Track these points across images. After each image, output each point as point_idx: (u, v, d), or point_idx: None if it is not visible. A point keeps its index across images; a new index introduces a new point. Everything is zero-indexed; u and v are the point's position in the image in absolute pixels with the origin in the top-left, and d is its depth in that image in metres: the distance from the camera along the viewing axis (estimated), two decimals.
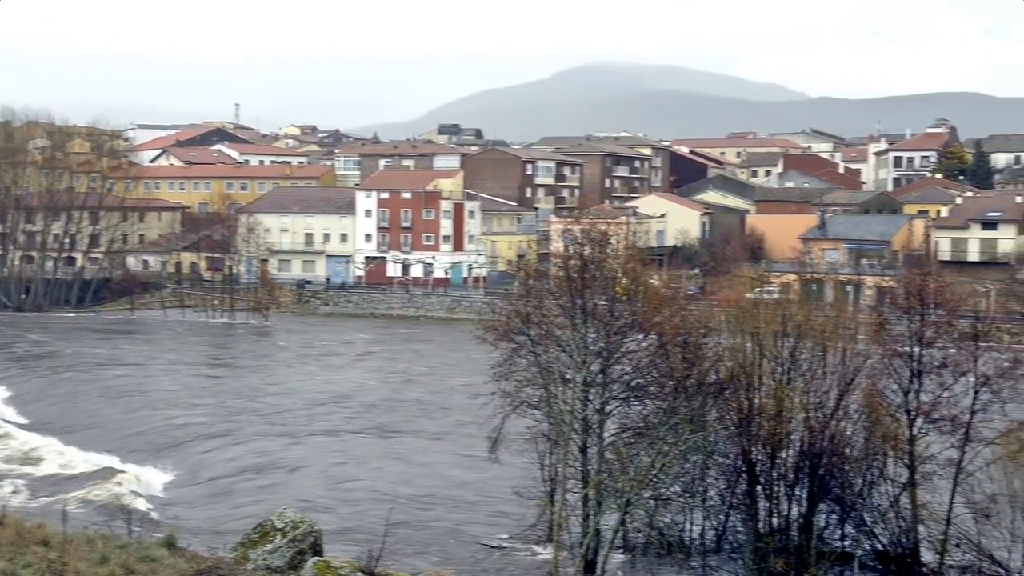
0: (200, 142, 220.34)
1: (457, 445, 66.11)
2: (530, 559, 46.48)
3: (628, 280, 46.04)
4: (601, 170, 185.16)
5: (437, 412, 77.46)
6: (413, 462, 63.33)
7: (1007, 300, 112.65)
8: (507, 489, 51.87)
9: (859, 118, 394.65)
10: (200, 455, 65.55)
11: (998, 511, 41.51)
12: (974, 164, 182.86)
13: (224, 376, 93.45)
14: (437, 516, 52.73)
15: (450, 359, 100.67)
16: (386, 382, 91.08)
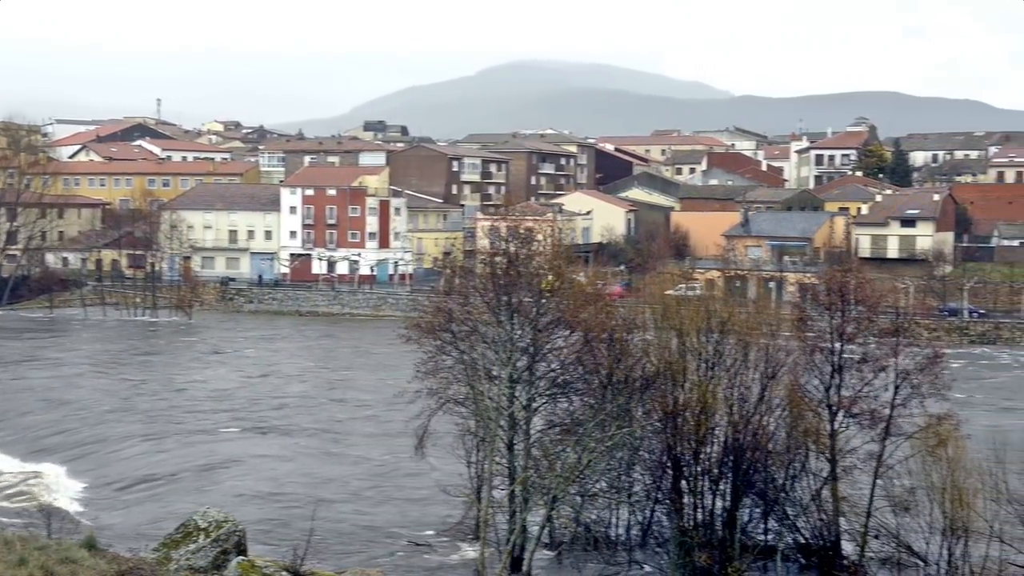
0: (121, 138, 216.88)
1: (383, 443, 65.80)
2: (457, 556, 46.40)
3: (554, 277, 46.13)
4: (527, 167, 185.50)
5: (361, 410, 77.04)
6: (339, 461, 62.93)
7: (925, 296, 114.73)
8: (434, 487, 51.78)
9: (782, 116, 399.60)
10: (120, 455, 64.55)
11: (917, 503, 42.24)
12: (893, 162, 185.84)
13: (144, 375, 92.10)
14: (363, 515, 52.44)
15: (375, 357, 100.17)
16: (310, 380, 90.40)
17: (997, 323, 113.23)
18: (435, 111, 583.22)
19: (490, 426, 43.24)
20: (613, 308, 49.63)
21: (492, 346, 44.23)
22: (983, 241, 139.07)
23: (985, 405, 76.02)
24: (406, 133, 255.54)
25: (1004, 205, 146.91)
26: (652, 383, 44.77)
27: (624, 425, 41.90)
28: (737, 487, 43.69)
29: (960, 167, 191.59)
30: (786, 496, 44.89)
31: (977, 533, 40.33)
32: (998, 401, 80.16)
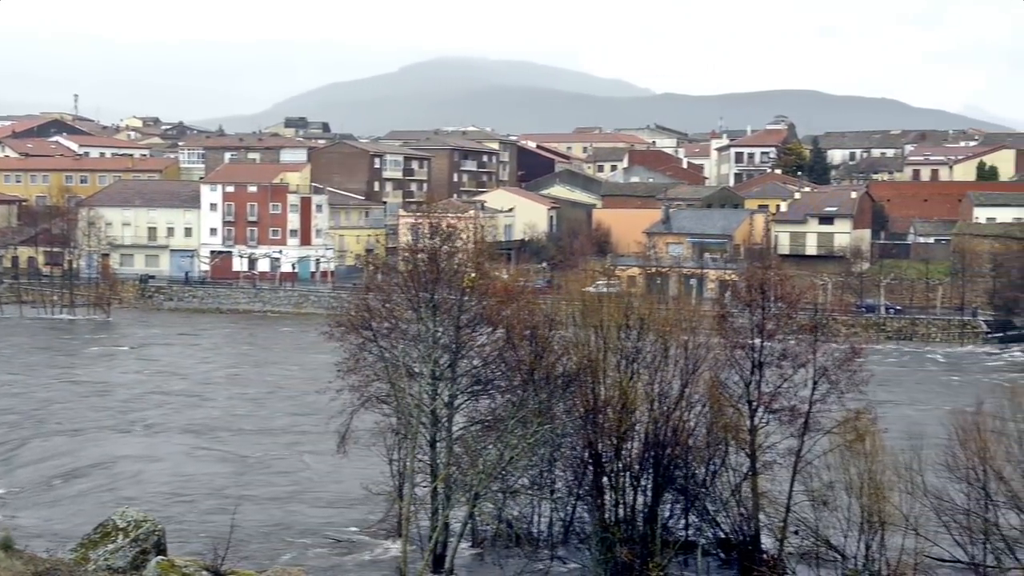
0: (37, 133, 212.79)
1: (304, 441, 65.25)
2: (379, 554, 46.17)
3: (476, 274, 46.06)
4: (449, 164, 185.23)
5: (283, 408, 76.37)
6: (260, 459, 62.29)
7: (843, 293, 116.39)
8: (356, 485, 51.44)
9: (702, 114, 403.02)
10: (35, 455, 63.24)
11: (835, 498, 42.76)
12: (812, 160, 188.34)
13: (60, 373, 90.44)
14: (285, 514, 51.93)
15: (297, 354, 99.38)
16: (230, 379, 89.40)
17: (913, 319, 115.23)
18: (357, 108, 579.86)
19: (412, 423, 43.05)
20: (535, 305, 49.71)
21: (414, 343, 44.08)
22: (899, 238, 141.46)
23: (901, 400, 77.28)
24: (328, 130, 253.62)
25: (919, 203, 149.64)
26: (573, 380, 44.85)
27: (546, 422, 41.92)
28: (658, 483, 43.94)
29: (877, 165, 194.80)
30: (707, 491, 45.24)
31: (893, 526, 40.93)
32: (913, 396, 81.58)
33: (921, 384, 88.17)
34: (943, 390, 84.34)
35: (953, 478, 42.78)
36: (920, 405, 76.69)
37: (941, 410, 65.56)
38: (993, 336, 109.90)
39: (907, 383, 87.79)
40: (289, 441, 66.57)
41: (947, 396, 78.80)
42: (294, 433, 68.35)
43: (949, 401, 70.53)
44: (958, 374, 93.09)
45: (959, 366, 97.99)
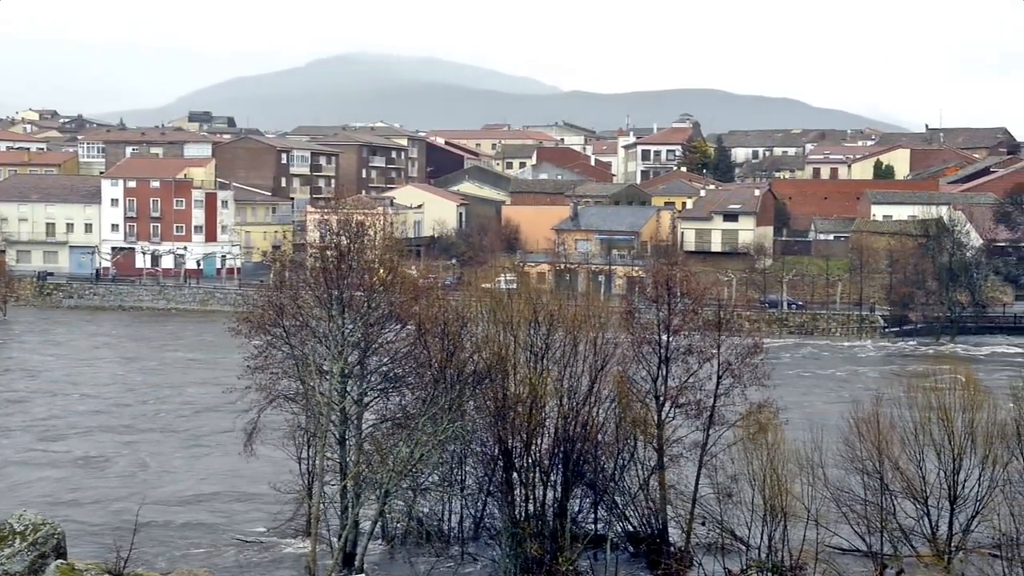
0: None
1: (210, 441, 64.60)
2: (288, 553, 45.91)
3: (385, 270, 46.02)
4: (358, 160, 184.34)
5: (189, 407, 75.46)
6: (164, 460, 61.49)
7: (747, 288, 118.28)
8: (264, 484, 51.07)
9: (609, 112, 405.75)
10: None
11: (739, 490, 43.59)
12: (716, 158, 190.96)
13: None
14: (191, 514, 51.40)
15: (202, 352, 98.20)
16: (133, 378, 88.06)
17: (814, 314, 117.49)
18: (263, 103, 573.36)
19: (321, 421, 42.91)
20: (445, 302, 49.84)
21: (323, 341, 43.90)
22: (801, 235, 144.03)
23: (802, 393, 78.77)
24: (233, 124, 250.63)
25: (820, 200, 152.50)
26: (484, 376, 45.05)
27: (456, 419, 42.08)
28: (568, 478, 44.32)
29: (779, 163, 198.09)
30: (615, 486, 45.76)
31: (795, 516, 41.81)
32: (814, 389, 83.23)
33: (821, 377, 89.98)
34: (842, 383, 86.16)
35: (852, 469, 43.90)
36: (820, 398, 78.27)
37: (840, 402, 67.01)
38: (890, 330, 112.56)
39: (808, 376, 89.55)
40: (193, 441, 65.83)
41: (846, 389, 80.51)
42: (199, 433, 67.61)
43: (848, 394, 72.06)
44: (856, 367, 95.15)
45: (858, 359, 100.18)
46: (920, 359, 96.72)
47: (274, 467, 50.60)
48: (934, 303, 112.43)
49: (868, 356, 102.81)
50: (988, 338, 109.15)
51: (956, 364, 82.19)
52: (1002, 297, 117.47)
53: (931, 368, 73.93)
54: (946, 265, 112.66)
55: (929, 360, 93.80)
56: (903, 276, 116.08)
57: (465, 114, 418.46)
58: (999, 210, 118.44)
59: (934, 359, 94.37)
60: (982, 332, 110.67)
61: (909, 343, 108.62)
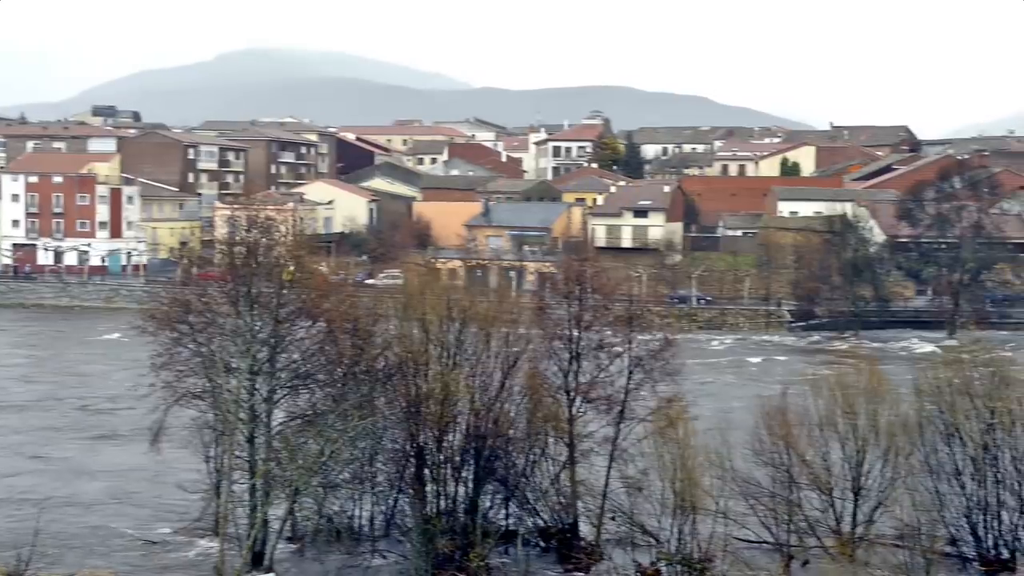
0: None
1: (115, 440, 63.47)
2: (195, 553, 45.28)
3: (295, 267, 45.63)
4: (266, 156, 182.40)
5: (93, 406, 74.05)
6: (67, 460, 60.23)
7: (657, 284, 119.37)
8: (170, 483, 50.36)
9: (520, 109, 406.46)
10: None
11: (649, 484, 43.97)
12: (626, 155, 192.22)
13: None
14: (95, 514, 50.42)
15: (107, 350, 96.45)
16: (32, 377, 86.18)
17: (723, 309, 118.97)
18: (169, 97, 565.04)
19: (229, 419, 42.43)
20: (356, 298, 49.56)
21: (231, 338, 43.39)
22: (709, 231, 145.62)
23: (711, 387, 79.66)
24: (138, 119, 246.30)
25: (728, 197, 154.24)
26: (395, 373, 44.88)
27: (367, 415, 41.87)
28: (479, 474, 44.33)
29: (688, 160, 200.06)
30: (526, 481, 45.87)
31: (705, 510, 42.29)
32: (723, 383, 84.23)
33: (730, 371, 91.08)
34: (750, 377, 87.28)
35: (759, 462, 44.51)
36: (729, 392, 79.17)
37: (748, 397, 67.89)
38: (796, 324, 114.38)
39: (717, 371, 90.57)
40: (97, 440, 64.61)
41: (754, 383, 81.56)
42: (103, 432, 66.37)
43: (755, 388, 73.03)
44: (764, 361, 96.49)
45: (765, 353, 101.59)
46: (825, 353, 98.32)
47: (181, 466, 49.92)
48: (839, 298, 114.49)
49: (775, 350, 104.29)
50: (891, 332, 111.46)
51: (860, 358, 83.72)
52: (904, 292, 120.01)
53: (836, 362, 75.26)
54: (850, 260, 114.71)
55: (834, 354, 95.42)
56: (809, 271, 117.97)
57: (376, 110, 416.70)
58: (901, 207, 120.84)
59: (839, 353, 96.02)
60: (885, 326, 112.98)
61: (815, 337, 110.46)
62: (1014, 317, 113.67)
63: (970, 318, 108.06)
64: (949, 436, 44.69)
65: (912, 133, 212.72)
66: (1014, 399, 45.23)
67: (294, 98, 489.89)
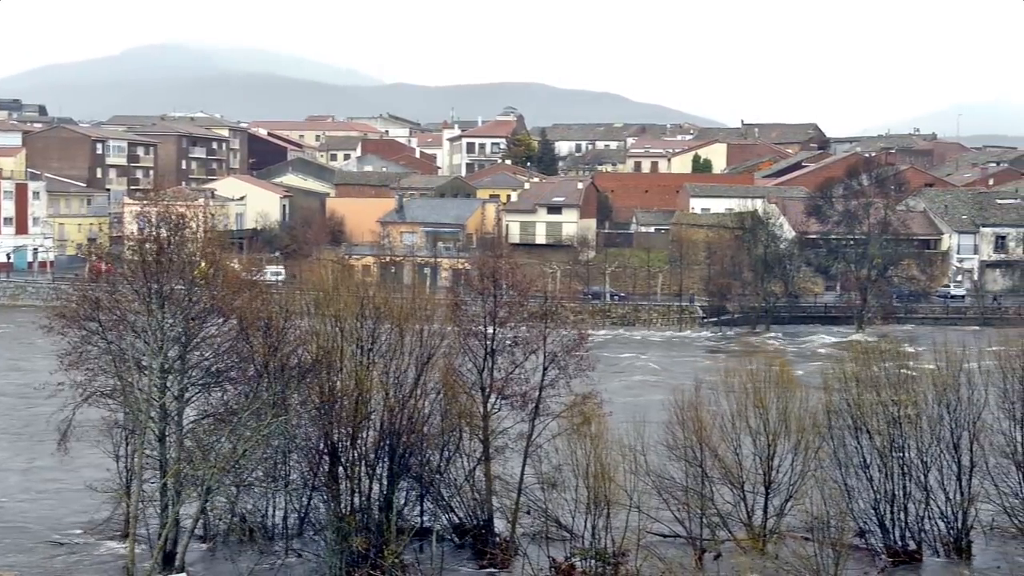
0: None
1: (23, 439, 62.14)
2: (105, 554, 44.58)
3: (207, 264, 45.08)
4: (177, 151, 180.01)
5: None
6: None
7: (571, 280, 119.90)
8: (79, 484, 49.48)
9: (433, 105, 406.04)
10: None
11: (563, 479, 44.20)
12: (540, 151, 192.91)
13: None
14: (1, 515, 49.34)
15: (12, 348, 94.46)
16: None
17: (636, 305, 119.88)
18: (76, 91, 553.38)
19: (140, 418, 41.81)
20: (268, 295, 49.09)
21: (142, 335, 42.75)
22: (623, 228, 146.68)
23: (625, 383, 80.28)
24: (44, 113, 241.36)
25: (641, 193, 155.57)
26: (309, 370, 44.57)
27: (280, 413, 41.52)
28: (394, 471, 44.21)
29: (601, 157, 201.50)
30: (441, 478, 45.86)
31: (619, 504, 42.60)
32: (637, 378, 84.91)
33: (643, 367, 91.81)
34: (663, 373, 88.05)
35: (673, 457, 44.99)
36: (642, 388, 79.87)
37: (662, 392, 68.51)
38: (708, 320, 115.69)
39: (631, 367, 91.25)
40: (3, 439, 63.26)
41: (667, 378, 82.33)
42: (9, 431, 65.00)
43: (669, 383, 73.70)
44: (677, 357, 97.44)
45: (678, 349, 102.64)
46: (737, 348, 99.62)
47: (90, 466, 49.09)
48: (750, 293, 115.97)
49: (688, 346, 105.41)
50: (801, 327, 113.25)
51: (771, 353, 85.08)
52: (813, 287, 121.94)
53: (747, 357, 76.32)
54: (761, 257, 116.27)
55: (746, 349, 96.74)
56: (721, 267, 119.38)
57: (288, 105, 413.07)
58: (810, 203, 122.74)
59: (750, 348, 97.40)
60: (795, 321, 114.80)
61: (727, 332, 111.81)
62: (919, 312, 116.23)
63: (877, 313, 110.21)
64: (857, 430, 45.61)
65: (821, 131, 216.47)
66: (919, 392, 46.31)
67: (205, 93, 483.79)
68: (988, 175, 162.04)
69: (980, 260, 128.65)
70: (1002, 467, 45.58)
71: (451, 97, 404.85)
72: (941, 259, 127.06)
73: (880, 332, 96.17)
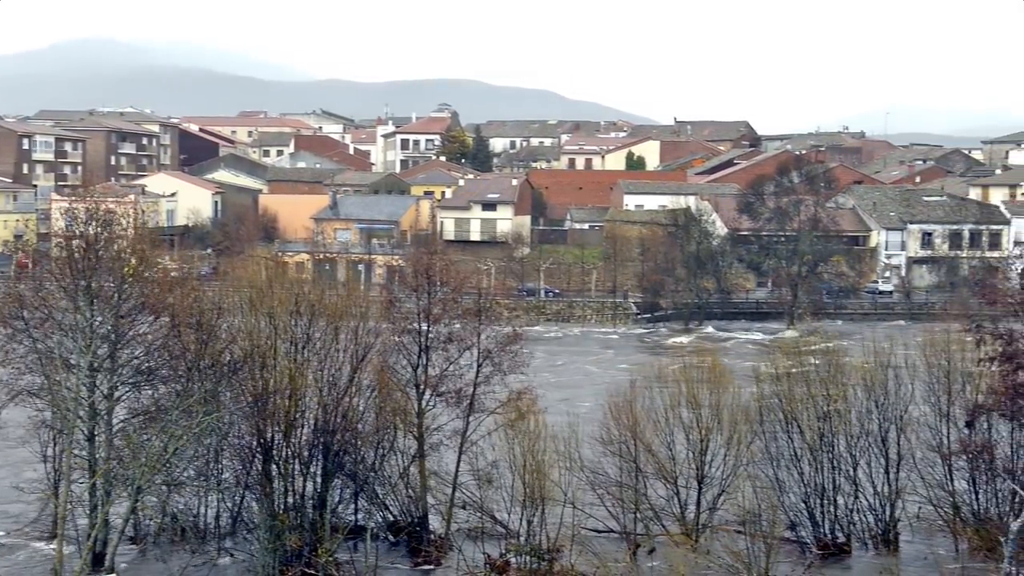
0: None
1: None
2: (32, 555, 43.91)
3: (137, 260, 44.54)
4: (106, 147, 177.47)
5: None
6: None
7: (506, 277, 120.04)
8: (5, 484, 48.66)
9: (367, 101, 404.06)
10: None
11: (499, 475, 44.26)
12: (474, 148, 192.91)
13: None
14: None
15: None
16: None
17: (570, 302, 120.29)
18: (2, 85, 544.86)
19: (68, 417, 41.18)
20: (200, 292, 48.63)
21: (70, 334, 42.11)
22: (557, 224, 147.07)
23: (560, 379, 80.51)
24: None
25: (575, 190, 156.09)
26: (241, 367, 44.21)
27: (212, 411, 41.13)
28: (328, 469, 44.00)
29: (536, 154, 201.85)
30: (376, 475, 45.71)
31: (554, 500, 42.76)
32: (571, 375, 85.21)
33: (578, 364, 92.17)
34: (598, 369, 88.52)
35: (607, 452, 45.23)
36: (577, 384, 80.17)
37: (596, 388, 68.83)
38: (642, 316, 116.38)
39: (565, 363, 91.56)
40: None
41: (601, 374, 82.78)
42: None
43: (603, 379, 74.09)
44: (611, 353, 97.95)
45: (613, 345, 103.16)
46: (671, 344, 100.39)
47: (17, 466, 48.30)
48: (683, 290, 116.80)
49: (622, 342, 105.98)
50: (733, 323, 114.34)
51: (704, 349, 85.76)
52: (745, 284, 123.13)
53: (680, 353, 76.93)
54: (694, 253, 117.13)
55: (679, 345, 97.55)
56: (654, 264, 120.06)
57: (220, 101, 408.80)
58: (742, 200, 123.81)
59: (683, 344, 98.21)
60: (728, 317, 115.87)
61: (660, 329, 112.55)
62: (848, 308, 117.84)
63: (808, 309, 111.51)
64: (788, 424, 46.14)
65: (752, 128, 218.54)
66: (848, 387, 46.98)
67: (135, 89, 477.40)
68: (915, 172, 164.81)
69: (907, 256, 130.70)
70: (928, 460, 46.35)
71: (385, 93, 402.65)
72: (870, 255, 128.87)
73: (810, 328, 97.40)
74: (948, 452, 45.60)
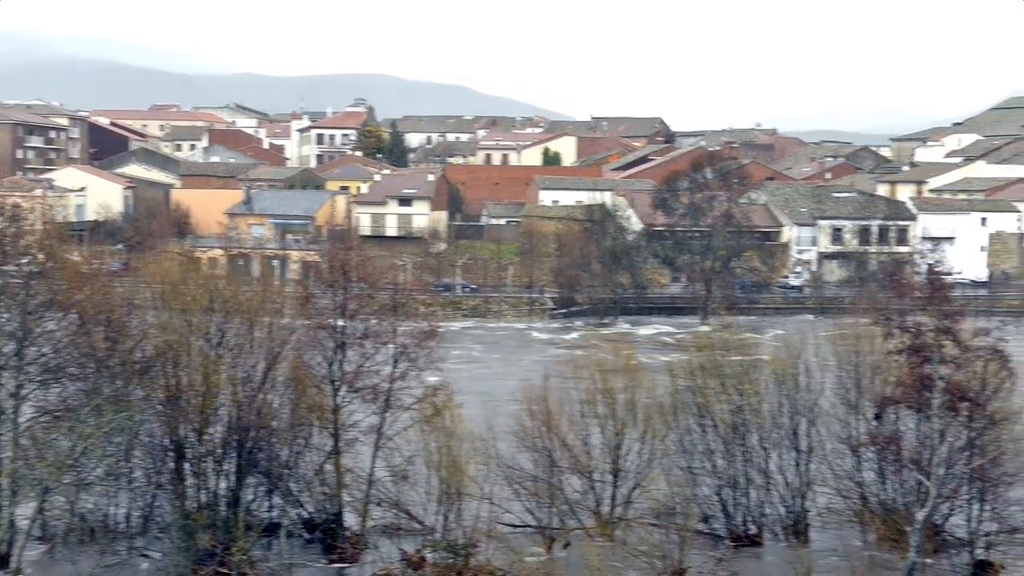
0: None
1: None
2: None
3: (45, 256, 43.75)
4: (12, 140, 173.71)
5: None
6: None
7: (422, 273, 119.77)
8: None
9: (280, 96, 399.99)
10: None
11: (415, 471, 44.19)
12: (390, 143, 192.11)
13: None
14: None
15: None
16: None
17: (487, 297, 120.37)
18: None
19: None
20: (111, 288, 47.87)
21: None
22: (474, 220, 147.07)
23: (476, 375, 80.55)
24: None
25: (491, 186, 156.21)
26: (153, 365, 43.60)
27: (122, 409, 40.53)
28: (241, 466, 43.63)
29: (452, 149, 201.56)
30: (290, 472, 45.41)
31: (470, 496, 42.80)
32: (488, 370, 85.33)
33: (494, 359, 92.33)
34: (514, 364, 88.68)
35: (523, 447, 45.36)
36: (493, 379, 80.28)
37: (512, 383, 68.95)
38: (558, 312, 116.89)
39: (482, 359, 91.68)
40: None
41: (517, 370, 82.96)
42: None
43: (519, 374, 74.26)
44: (528, 348, 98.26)
45: (529, 340, 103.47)
46: (586, 339, 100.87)
47: None
48: (599, 285, 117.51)
49: (538, 337, 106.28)
50: (648, 317, 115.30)
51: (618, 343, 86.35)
52: (660, 279, 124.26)
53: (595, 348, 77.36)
54: (609, 249, 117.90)
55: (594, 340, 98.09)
56: (570, 259, 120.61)
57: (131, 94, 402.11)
58: (657, 196, 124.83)
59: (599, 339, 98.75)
60: (643, 312, 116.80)
61: (576, 323, 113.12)
62: (761, 303, 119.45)
63: (721, 304, 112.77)
64: (701, 417, 46.65)
65: (667, 125, 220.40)
66: (760, 381, 47.61)
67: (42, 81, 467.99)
68: (826, 169, 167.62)
69: (818, 252, 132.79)
70: (838, 451, 47.14)
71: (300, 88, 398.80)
72: (781, 251, 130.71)
73: (723, 322, 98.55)
74: (857, 444, 46.41)
